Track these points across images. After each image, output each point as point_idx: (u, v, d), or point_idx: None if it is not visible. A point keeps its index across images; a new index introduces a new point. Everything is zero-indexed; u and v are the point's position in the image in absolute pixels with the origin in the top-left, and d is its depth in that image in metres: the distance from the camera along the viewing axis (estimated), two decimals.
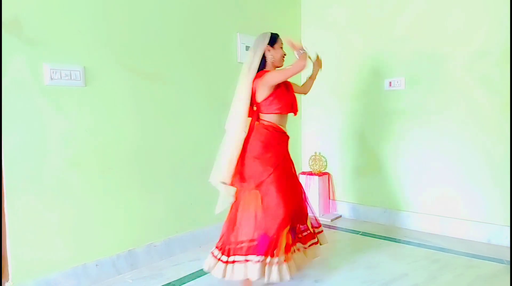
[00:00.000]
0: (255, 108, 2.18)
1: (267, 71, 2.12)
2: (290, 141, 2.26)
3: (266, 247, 1.95)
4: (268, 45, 2.13)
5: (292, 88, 2.25)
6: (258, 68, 2.11)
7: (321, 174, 3.48)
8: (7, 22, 1.80)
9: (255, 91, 2.10)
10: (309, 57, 2.21)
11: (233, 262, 1.98)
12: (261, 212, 2.03)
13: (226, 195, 2.16)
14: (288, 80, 2.15)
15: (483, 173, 2.72)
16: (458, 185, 2.83)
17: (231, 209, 2.16)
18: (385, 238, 2.87)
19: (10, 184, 1.84)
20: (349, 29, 3.35)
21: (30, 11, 1.87)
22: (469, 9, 2.70)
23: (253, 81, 2.09)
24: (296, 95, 2.29)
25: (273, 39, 2.15)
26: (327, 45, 3.49)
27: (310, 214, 2.33)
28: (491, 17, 2.62)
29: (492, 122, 2.65)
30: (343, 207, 3.48)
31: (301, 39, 3.63)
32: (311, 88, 2.47)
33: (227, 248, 2.04)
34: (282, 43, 2.19)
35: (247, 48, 3.02)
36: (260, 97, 2.10)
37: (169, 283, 2.17)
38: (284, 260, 1.96)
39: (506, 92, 2.59)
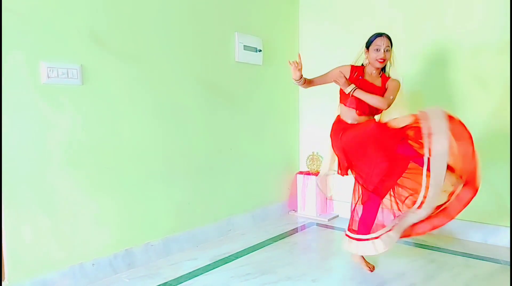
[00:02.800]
0: None
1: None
2: (286, 141, 2.26)
3: None
4: (365, 48, 2.20)
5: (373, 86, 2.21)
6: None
7: (318, 173, 3.48)
8: (6, 20, 1.79)
9: None
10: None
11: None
12: None
13: None
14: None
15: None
16: None
17: None
18: None
19: (7, 183, 1.83)
20: (347, 28, 3.35)
21: (28, 9, 1.86)
22: (468, 9, 2.71)
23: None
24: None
25: (371, 40, 2.18)
26: (325, 44, 3.49)
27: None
28: (490, 16, 2.62)
29: (490, 122, 2.66)
30: (340, 207, 3.48)
31: (299, 43, 3.64)
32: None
33: None
34: (382, 44, 2.13)
35: (245, 47, 3.03)
36: None
37: (166, 282, 2.17)
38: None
39: (503, 91, 2.59)
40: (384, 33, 2.17)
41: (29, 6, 1.87)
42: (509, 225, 2.61)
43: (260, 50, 3.17)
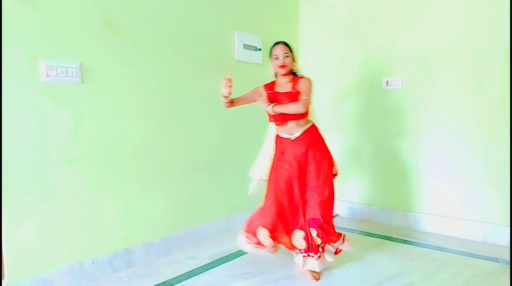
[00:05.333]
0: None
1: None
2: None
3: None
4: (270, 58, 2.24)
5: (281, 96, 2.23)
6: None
7: None
8: (5, 19, 1.78)
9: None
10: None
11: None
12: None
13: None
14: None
15: (479, 172, 2.73)
16: (455, 184, 2.84)
17: None
18: (381, 236, 2.88)
19: (6, 182, 1.83)
20: (347, 28, 3.35)
21: (27, 7, 1.86)
22: (468, 9, 2.71)
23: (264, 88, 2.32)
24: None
25: (270, 50, 2.23)
26: (325, 43, 3.49)
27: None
28: (490, 17, 2.62)
29: (490, 122, 2.66)
30: (340, 206, 3.49)
31: (299, 41, 3.64)
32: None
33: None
34: (277, 52, 2.18)
35: (245, 46, 3.02)
36: None
37: (166, 281, 2.17)
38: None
39: (503, 92, 2.59)
40: (280, 41, 2.22)
41: (28, 4, 1.86)
42: (508, 224, 2.62)
43: (259, 49, 3.16)
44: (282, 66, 2.17)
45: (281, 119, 2.22)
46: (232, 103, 2.27)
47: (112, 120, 2.22)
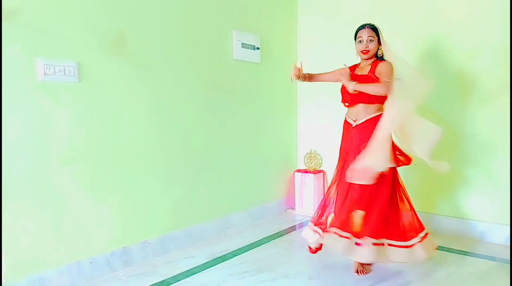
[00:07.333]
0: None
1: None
2: (284, 139, 2.23)
3: None
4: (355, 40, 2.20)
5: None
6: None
7: (316, 172, 3.48)
8: (2, 18, 1.78)
9: None
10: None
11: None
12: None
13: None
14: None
15: (476, 170, 2.73)
16: (451, 182, 2.84)
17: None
18: None
19: (4, 181, 1.82)
20: (345, 25, 3.34)
21: (25, 5, 1.85)
22: (466, 8, 2.71)
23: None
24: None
25: (356, 32, 2.20)
26: (323, 42, 3.48)
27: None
28: (488, 15, 2.63)
29: (487, 121, 2.67)
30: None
31: (297, 40, 3.64)
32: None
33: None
34: (363, 35, 2.14)
35: (243, 45, 3.02)
36: None
37: (164, 280, 2.17)
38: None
39: (502, 90, 2.60)
40: (367, 24, 2.17)
41: (25, 3, 1.86)
42: (505, 222, 2.62)
43: (258, 48, 3.16)
44: (365, 52, 2.15)
45: (350, 100, 2.15)
46: (310, 78, 2.30)
47: (109, 119, 2.22)
